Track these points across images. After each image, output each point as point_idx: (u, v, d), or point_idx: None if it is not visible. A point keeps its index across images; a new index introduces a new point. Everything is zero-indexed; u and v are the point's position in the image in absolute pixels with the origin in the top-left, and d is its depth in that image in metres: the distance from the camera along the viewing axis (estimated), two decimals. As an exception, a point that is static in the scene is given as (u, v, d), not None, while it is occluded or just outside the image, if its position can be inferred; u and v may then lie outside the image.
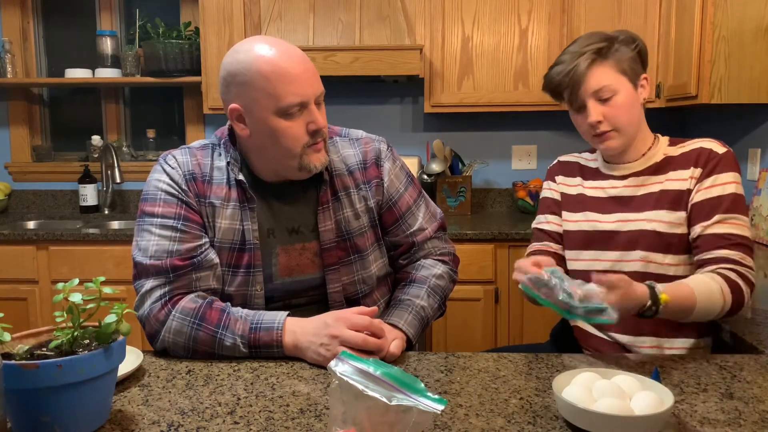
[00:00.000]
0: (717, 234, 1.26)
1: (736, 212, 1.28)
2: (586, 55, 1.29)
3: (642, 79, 1.34)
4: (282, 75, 1.17)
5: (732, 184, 1.29)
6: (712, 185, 1.29)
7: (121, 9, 3.27)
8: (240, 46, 1.21)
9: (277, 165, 1.26)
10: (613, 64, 1.30)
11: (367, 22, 2.71)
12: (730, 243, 1.25)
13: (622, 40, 1.32)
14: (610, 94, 1.30)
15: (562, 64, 1.32)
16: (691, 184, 1.31)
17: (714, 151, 1.31)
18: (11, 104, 3.21)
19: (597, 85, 1.29)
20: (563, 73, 1.31)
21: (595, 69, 1.29)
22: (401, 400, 0.73)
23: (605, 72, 1.30)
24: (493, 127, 3.13)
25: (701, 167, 1.31)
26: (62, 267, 2.60)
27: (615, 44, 1.31)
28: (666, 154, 1.36)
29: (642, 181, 1.36)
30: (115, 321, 0.90)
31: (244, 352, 1.16)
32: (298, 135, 1.21)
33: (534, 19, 2.73)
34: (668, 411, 0.85)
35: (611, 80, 1.30)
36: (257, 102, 1.19)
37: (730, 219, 1.27)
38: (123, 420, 0.93)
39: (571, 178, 1.49)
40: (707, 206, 1.28)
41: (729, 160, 1.30)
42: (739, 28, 2.15)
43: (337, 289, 1.32)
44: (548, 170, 1.55)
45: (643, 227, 1.32)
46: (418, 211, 1.41)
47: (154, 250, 1.21)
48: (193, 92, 3.16)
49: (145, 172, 2.48)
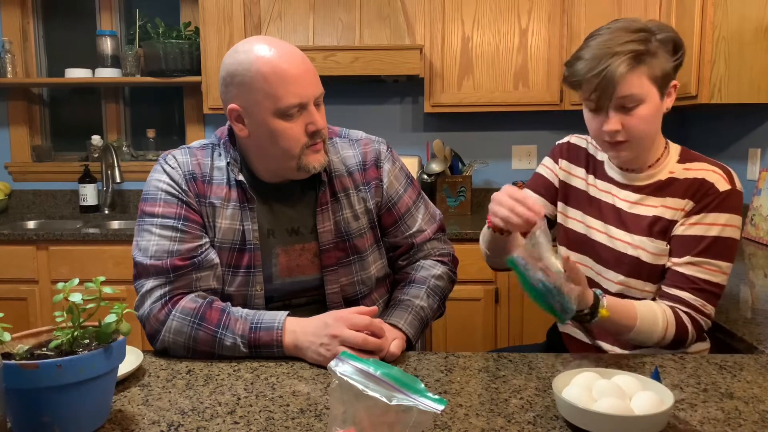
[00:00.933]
0: (683, 274, 1.23)
1: (714, 257, 1.21)
2: (622, 58, 1.15)
3: (671, 87, 1.23)
4: (281, 76, 1.17)
5: (719, 227, 1.21)
6: (697, 223, 1.23)
7: (121, 9, 3.27)
8: (240, 46, 1.21)
9: (276, 165, 1.26)
10: (647, 71, 1.18)
11: (367, 22, 2.71)
12: (693, 287, 1.22)
13: (660, 40, 1.19)
14: (635, 104, 1.19)
15: (592, 61, 1.18)
16: (680, 216, 1.25)
17: (715, 187, 1.22)
18: (11, 104, 3.21)
19: (625, 92, 1.17)
20: (593, 72, 1.17)
21: (629, 75, 1.16)
22: (401, 400, 0.73)
23: (637, 79, 1.17)
24: (493, 127, 3.13)
25: (695, 202, 1.23)
26: (62, 267, 2.60)
27: (652, 44, 1.18)
28: (671, 174, 1.28)
29: (640, 199, 1.30)
30: (115, 321, 0.90)
31: (244, 351, 1.16)
32: (297, 136, 1.21)
33: (534, 19, 2.73)
34: (668, 411, 0.85)
35: (641, 89, 1.18)
36: (256, 102, 1.19)
37: (704, 263, 1.21)
38: (123, 420, 0.93)
39: (576, 167, 1.41)
40: (683, 243, 1.23)
41: (727, 200, 1.22)
42: (739, 28, 2.15)
43: (335, 290, 1.32)
44: (556, 146, 1.46)
45: (627, 251, 1.28)
46: (417, 213, 1.41)
47: (155, 250, 1.21)
48: (193, 92, 3.16)
49: (145, 172, 2.48)
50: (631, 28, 1.19)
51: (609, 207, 1.34)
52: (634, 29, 1.19)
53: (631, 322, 1.19)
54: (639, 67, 1.17)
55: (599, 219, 1.35)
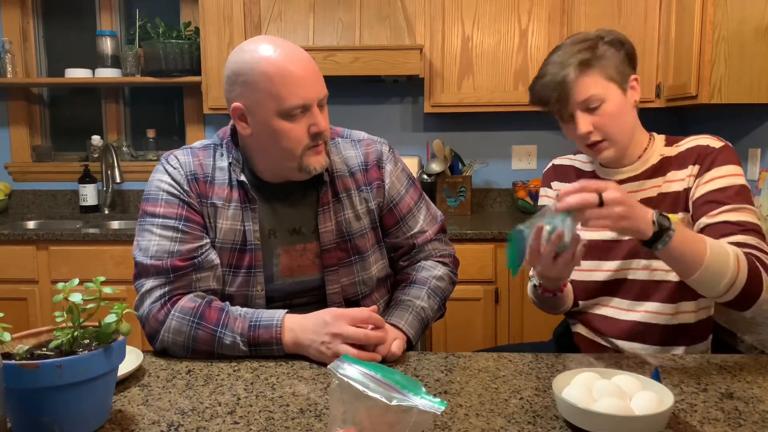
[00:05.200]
0: (727, 221, 1.20)
1: (742, 201, 1.22)
2: (571, 66, 1.24)
3: (632, 80, 1.29)
4: (286, 77, 1.17)
5: (734, 176, 1.24)
6: (714, 177, 1.25)
7: (121, 9, 3.27)
8: (246, 45, 1.22)
9: (277, 165, 1.26)
10: (600, 72, 1.25)
11: (367, 22, 2.71)
12: (743, 229, 1.19)
13: (608, 42, 1.27)
14: (597, 103, 1.25)
15: (547, 77, 1.27)
16: (690, 182, 1.28)
17: (711, 146, 1.28)
18: (11, 104, 3.21)
19: (583, 95, 1.25)
20: (549, 86, 1.26)
21: (582, 79, 1.24)
22: (401, 400, 0.73)
23: (592, 81, 1.24)
24: (493, 127, 3.13)
25: (699, 164, 1.27)
26: (62, 267, 2.59)
27: (599, 48, 1.26)
28: (662, 155, 1.33)
29: (639, 186, 1.33)
30: (115, 321, 0.90)
31: (243, 350, 1.16)
32: (299, 137, 1.21)
33: (534, 19, 2.72)
34: (668, 411, 0.85)
35: (598, 89, 1.25)
36: (260, 102, 1.19)
37: (740, 208, 1.21)
38: (123, 420, 0.93)
39: (567, 184, 1.45)
40: (712, 198, 1.23)
41: (727, 153, 1.27)
42: (739, 28, 2.15)
43: (336, 290, 1.32)
44: (543, 175, 1.52)
45: None
46: (418, 214, 1.41)
47: (155, 250, 1.21)
48: (193, 92, 3.16)
49: (145, 172, 2.49)
50: (578, 39, 1.29)
51: None
52: (581, 39, 1.28)
53: (701, 252, 1.07)
54: (589, 71, 1.25)
55: None
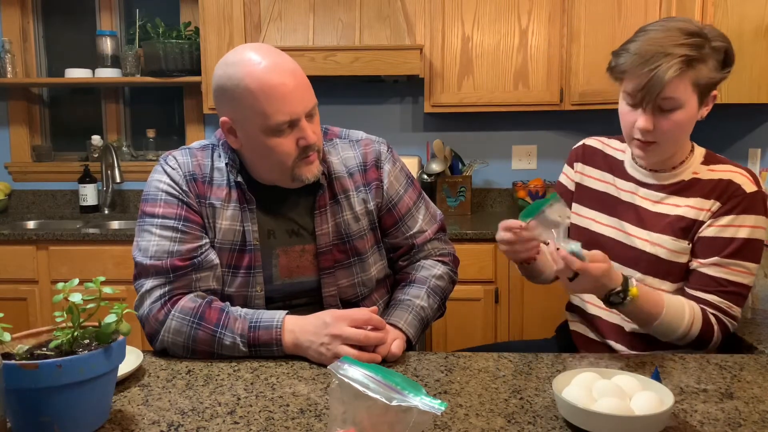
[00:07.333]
0: (710, 276, 1.23)
1: (743, 259, 1.22)
2: (675, 60, 1.13)
3: (711, 96, 1.21)
4: (270, 94, 1.15)
5: (748, 229, 1.21)
6: (728, 225, 1.22)
7: (121, 9, 3.27)
8: (231, 57, 1.20)
9: (270, 175, 1.27)
10: (693, 76, 1.15)
11: (367, 22, 2.71)
12: (720, 289, 1.22)
13: (714, 47, 1.17)
14: (672, 108, 1.17)
15: (642, 57, 1.15)
16: (706, 216, 1.24)
17: (742, 188, 1.22)
18: (11, 104, 3.21)
19: (668, 94, 1.16)
20: (643, 69, 1.15)
21: (675, 79, 1.14)
22: (401, 400, 0.73)
23: (682, 84, 1.16)
24: (493, 127, 3.13)
25: (722, 203, 1.23)
26: (62, 267, 2.59)
27: (705, 50, 1.16)
28: (695, 174, 1.27)
29: (662, 198, 1.30)
30: (115, 321, 0.90)
31: (243, 351, 1.16)
32: (288, 150, 1.20)
33: (534, 19, 2.72)
34: (668, 411, 0.85)
35: (681, 94, 1.16)
36: (247, 119, 1.19)
37: (731, 265, 1.22)
38: (123, 420, 0.93)
39: (592, 169, 1.42)
40: (713, 244, 1.23)
41: (755, 202, 1.22)
42: (739, 28, 2.14)
43: (333, 292, 1.32)
44: (572, 151, 1.47)
45: (645, 249, 1.29)
46: (417, 213, 1.41)
47: (155, 250, 1.21)
48: (193, 92, 3.16)
49: (145, 172, 2.48)
50: (687, 30, 1.16)
51: (627, 205, 1.34)
52: (690, 32, 1.16)
53: (658, 310, 1.19)
54: (687, 72, 1.15)
55: (614, 216, 1.35)
